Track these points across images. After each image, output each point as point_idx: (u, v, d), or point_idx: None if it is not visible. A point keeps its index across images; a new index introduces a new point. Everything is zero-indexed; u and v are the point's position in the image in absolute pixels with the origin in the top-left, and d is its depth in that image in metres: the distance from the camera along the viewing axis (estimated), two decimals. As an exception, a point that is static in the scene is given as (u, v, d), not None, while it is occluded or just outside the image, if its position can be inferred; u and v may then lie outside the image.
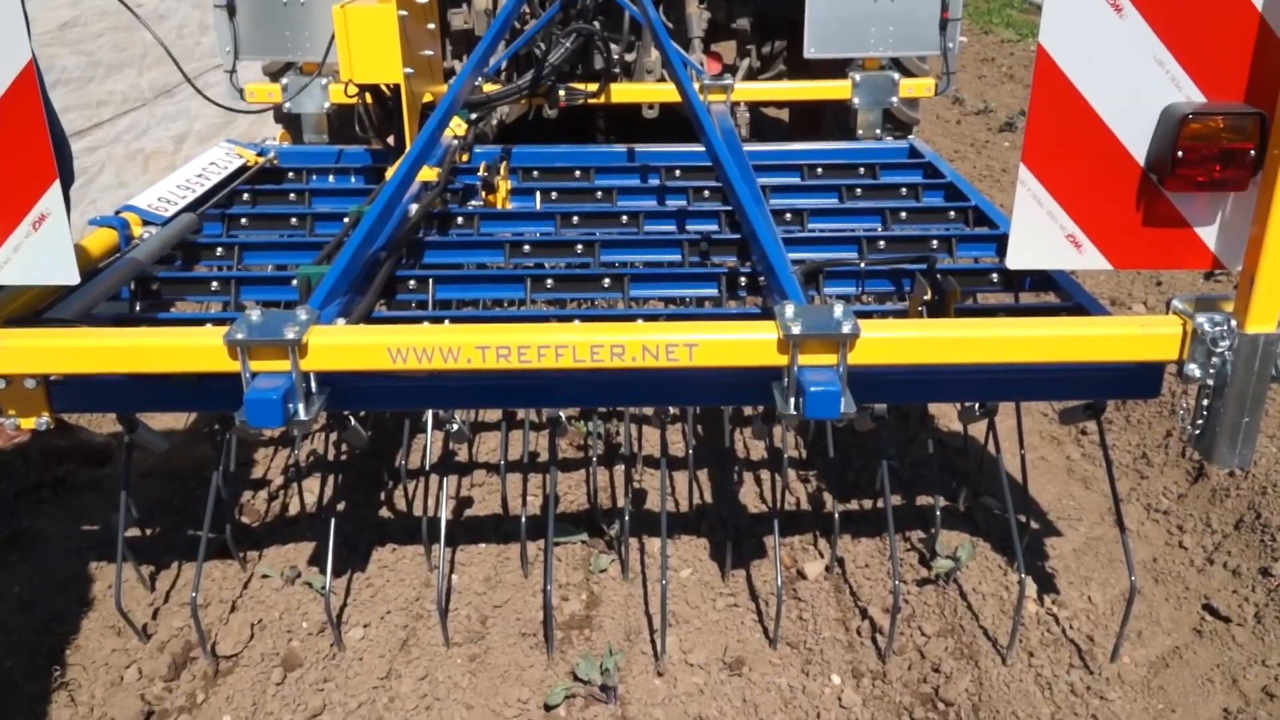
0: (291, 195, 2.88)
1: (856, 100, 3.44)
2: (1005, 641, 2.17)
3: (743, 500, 2.73)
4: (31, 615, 2.32)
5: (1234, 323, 1.62)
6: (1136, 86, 1.55)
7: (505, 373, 1.69)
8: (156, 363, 1.68)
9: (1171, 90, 1.56)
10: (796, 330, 1.61)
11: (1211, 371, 1.65)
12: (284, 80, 3.38)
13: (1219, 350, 1.63)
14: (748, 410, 3.00)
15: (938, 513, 2.45)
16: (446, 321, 2.04)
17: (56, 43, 5.50)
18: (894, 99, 3.45)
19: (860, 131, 3.48)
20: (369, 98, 3.00)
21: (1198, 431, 1.70)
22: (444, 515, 2.25)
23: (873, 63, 3.44)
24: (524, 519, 2.44)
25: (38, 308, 1.92)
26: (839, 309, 1.65)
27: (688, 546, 2.54)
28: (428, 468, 2.58)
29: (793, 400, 1.65)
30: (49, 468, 2.83)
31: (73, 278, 1.62)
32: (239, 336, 1.60)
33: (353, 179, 3.09)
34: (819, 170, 3.03)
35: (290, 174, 3.07)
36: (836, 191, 2.84)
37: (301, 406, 1.65)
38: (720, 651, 2.20)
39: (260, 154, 3.04)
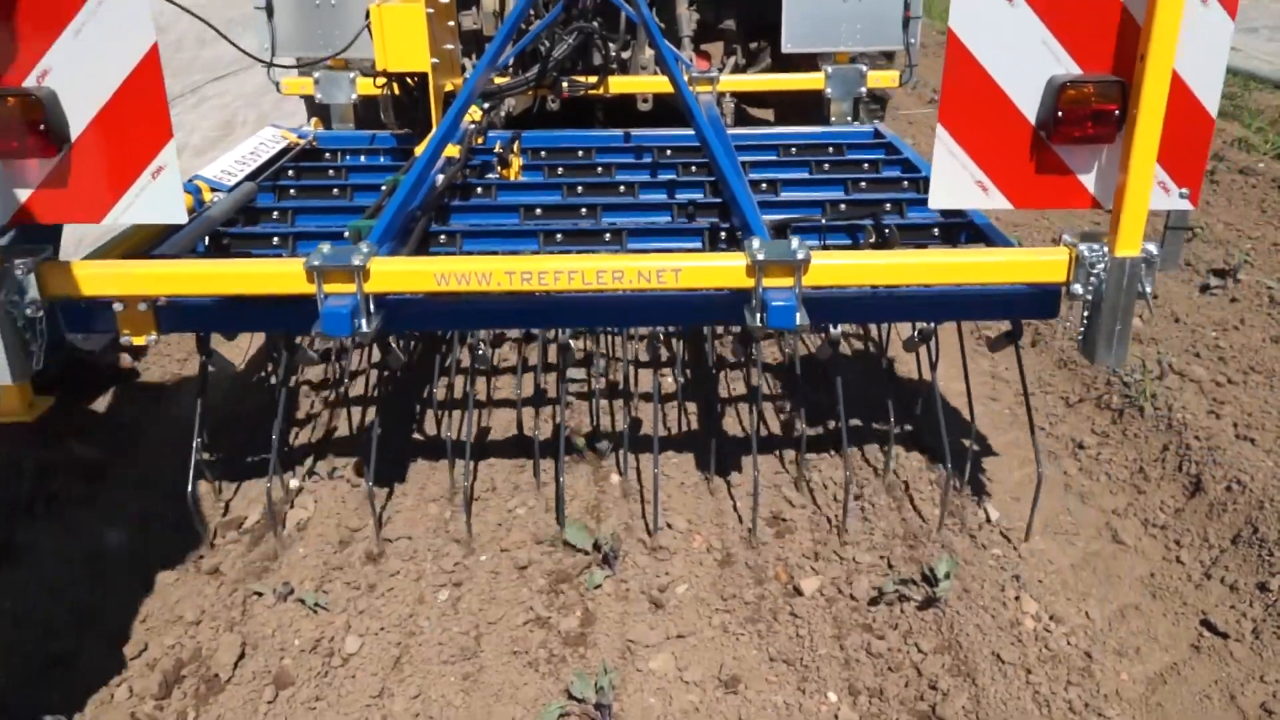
0: (330, 171, 3.30)
1: (829, 90, 3.83)
2: (1006, 658, 2.20)
3: (725, 429, 3.13)
4: (22, 630, 2.36)
5: (1106, 249, 2.04)
6: (1026, 61, 1.97)
7: (527, 295, 2.10)
8: (248, 286, 2.09)
9: (1053, 64, 1.97)
10: (761, 257, 2.02)
11: (1090, 289, 2.07)
12: (315, 74, 3.78)
13: (1095, 271, 2.05)
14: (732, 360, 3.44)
15: (892, 434, 2.87)
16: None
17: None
18: (863, 89, 3.85)
19: (833, 119, 3.89)
20: (395, 88, 3.41)
21: (1082, 339, 2.12)
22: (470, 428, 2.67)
23: (844, 55, 3.85)
24: (536, 441, 2.86)
25: (143, 249, 2.33)
26: (795, 241, 2.06)
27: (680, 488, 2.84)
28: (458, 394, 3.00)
29: (758, 315, 2.06)
30: (42, 482, 2.85)
31: (182, 218, 2.03)
32: (316, 263, 2.01)
33: (381, 158, 3.49)
34: (793, 149, 3.43)
35: (327, 154, 3.48)
36: (807, 166, 3.25)
37: (364, 322, 2.06)
38: (716, 669, 2.23)
39: (301, 137, 3.45)
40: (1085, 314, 2.10)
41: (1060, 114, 1.97)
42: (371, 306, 2.08)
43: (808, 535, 2.62)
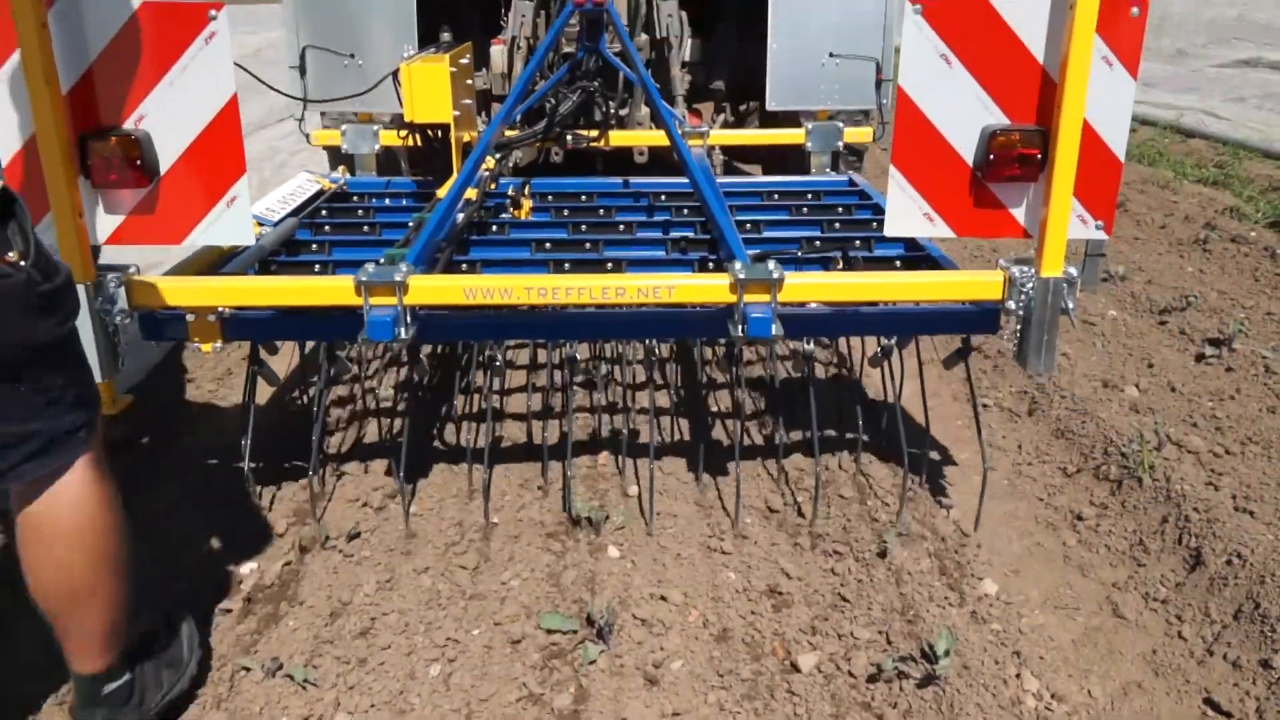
0: (359, 211, 3.67)
1: (810, 144, 4.22)
2: None
3: (714, 437, 3.47)
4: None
5: (1034, 271, 2.41)
6: (963, 113, 2.36)
7: (542, 309, 2.46)
8: (306, 299, 2.46)
9: (986, 115, 2.36)
10: (742, 276, 2.38)
11: (1021, 305, 2.43)
12: (343, 127, 4.17)
13: (1025, 290, 2.42)
14: (720, 379, 3.80)
15: (861, 440, 3.22)
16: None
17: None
18: (840, 143, 4.25)
19: (814, 170, 4.29)
20: (417, 139, 3.80)
21: (1016, 350, 2.49)
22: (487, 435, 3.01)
23: (824, 113, 4.25)
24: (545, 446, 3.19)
25: (206, 271, 2.69)
26: (772, 263, 2.42)
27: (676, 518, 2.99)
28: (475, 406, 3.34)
29: (740, 327, 2.41)
30: None
31: (250, 240, 2.41)
32: (364, 279, 2.37)
33: (403, 201, 3.87)
34: (775, 195, 3.82)
35: (355, 196, 3.85)
36: (788, 210, 3.63)
37: (402, 330, 2.41)
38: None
39: (332, 181, 3.84)
40: (1018, 328, 2.47)
41: (992, 157, 2.35)
42: (409, 317, 2.43)
43: (805, 609, 2.58)
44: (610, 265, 3.01)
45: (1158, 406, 3.62)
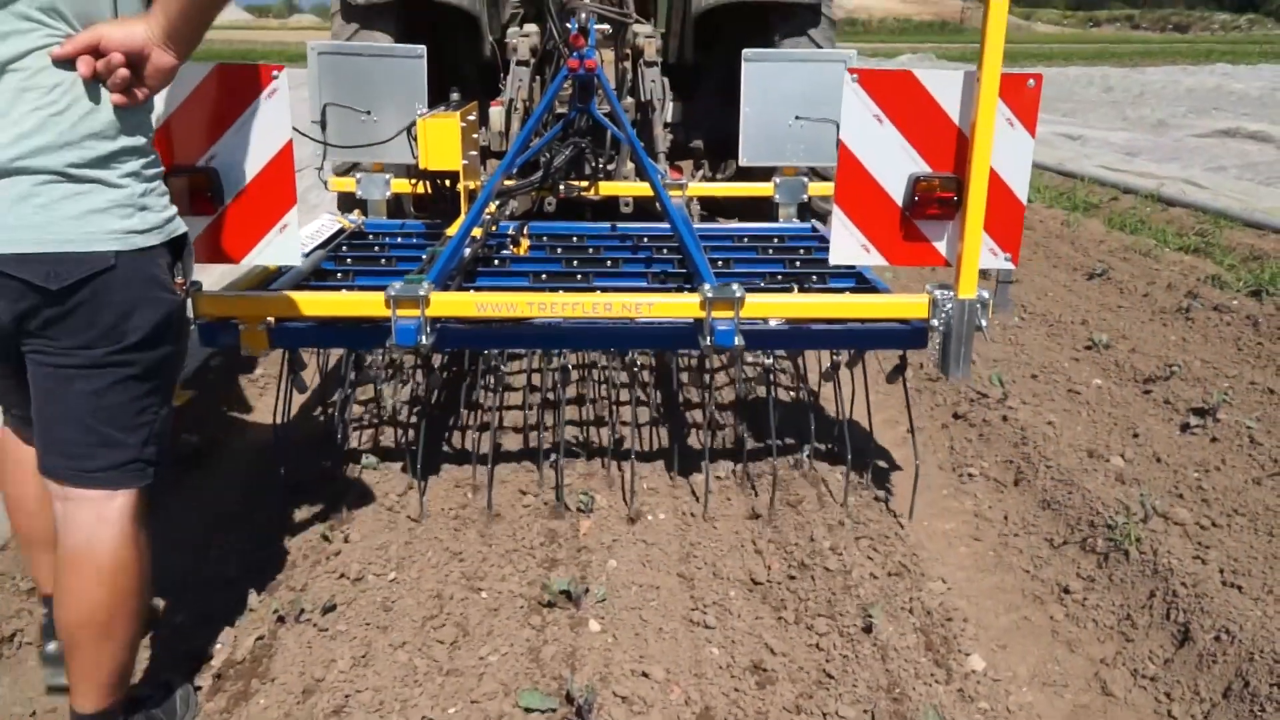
0: (376, 247, 4.14)
1: (778, 197, 4.72)
2: None
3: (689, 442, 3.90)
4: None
5: (953, 294, 2.89)
6: (893, 162, 2.86)
7: (541, 320, 2.92)
8: (343, 310, 2.92)
9: (912, 164, 2.86)
10: (710, 295, 2.86)
11: (943, 322, 2.91)
12: (357, 175, 4.65)
13: (946, 310, 2.91)
14: (695, 398, 4.26)
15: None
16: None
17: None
18: (805, 196, 4.75)
19: (781, 220, 4.78)
20: (428, 186, 4.29)
21: (939, 361, 2.96)
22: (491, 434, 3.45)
23: (790, 169, 4.75)
24: (552, 456, 3.63)
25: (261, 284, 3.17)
26: (735, 285, 2.89)
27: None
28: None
29: (708, 339, 2.88)
30: None
31: (299, 262, 2.87)
32: (392, 293, 2.82)
33: (413, 239, 4.34)
34: (745, 239, 4.31)
35: (371, 235, 4.33)
36: (755, 250, 4.13)
37: (424, 338, 2.86)
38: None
39: (351, 222, 4.31)
40: (939, 342, 2.95)
41: (917, 199, 2.85)
42: (429, 327, 2.89)
43: (789, 686, 2.55)
44: (598, 293, 3.48)
45: (1144, 477, 3.60)
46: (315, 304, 2.95)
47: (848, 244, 2.92)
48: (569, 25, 4.31)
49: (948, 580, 3.04)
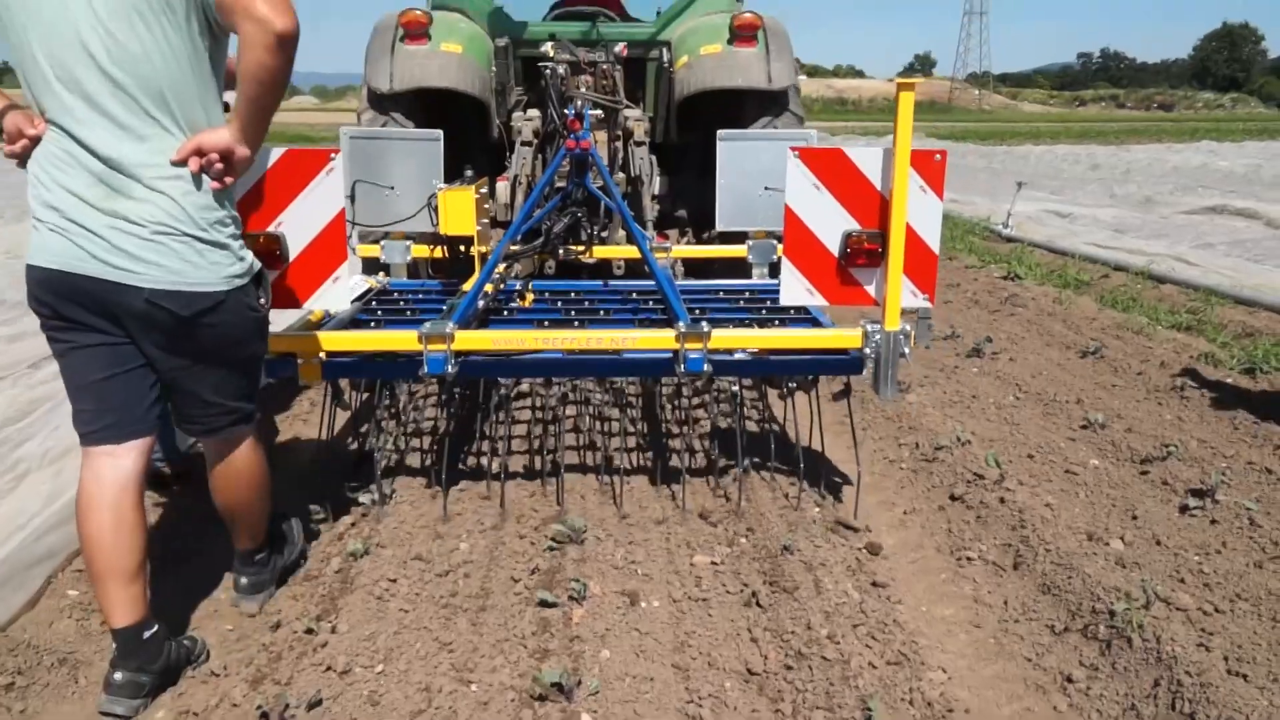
0: (400, 302, 4.80)
1: (750, 258, 5.35)
2: None
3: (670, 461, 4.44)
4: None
5: (881, 327, 3.55)
6: (829, 221, 3.53)
7: (546, 352, 3.57)
8: (384, 346, 3.57)
9: (845, 222, 3.53)
10: (683, 330, 3.51)
11: (873, 350, 3.56)
12: (382, 242, 5.31)
13: (875, 340, 3.56)
14: (676, 424, 4.88)
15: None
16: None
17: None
18: (775, 256, 5.41)
19: (755, 277, 5.42)
20: (445, 250, 4.96)
21: (872, 383, 3.61)
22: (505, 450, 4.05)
23: (761, 233, 5.40)
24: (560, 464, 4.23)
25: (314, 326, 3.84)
26: (704, 323, 3.54)
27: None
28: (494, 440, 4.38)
29: (681, 366, 3.53)
30: None
31: (347, 306, 3.52)
32: (424, 332, 3.47)
33: (433, 296, 4.99)
34: (720, 293, 4.97)
35: (396, 293, 4.98)
36: (729, 302, 4.78)
37: (450, 368, 3.50)
38: None
39: (378, 282, 4.98)
40: (871, 367, 3.59)
41: (849, 250, 3.52)
42: (454, 359, 3.53)
43: None
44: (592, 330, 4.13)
45: (1144, 561, 3.55)
46: (360, 341, 3.61)
47: (795, 288, 3.58)
48: (567, 110, 4.97)
49: (948, 669, 2.95)
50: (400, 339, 3.58)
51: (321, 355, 3.64)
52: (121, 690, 2.70)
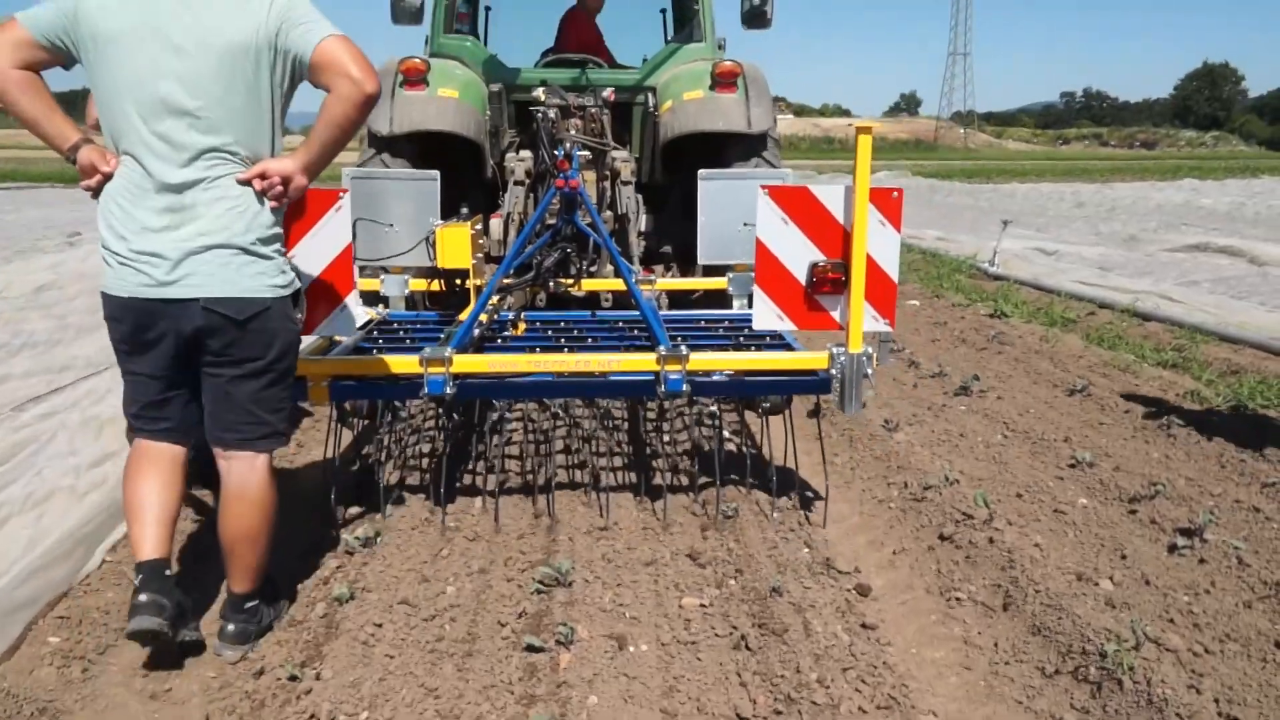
0: (400, 332, 5.09)
1: (730, 289, 5.65)
2: None
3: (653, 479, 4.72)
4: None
5: (845, 349, 3.86)
6: (796, 252, 3.85)
7: (538, 374, 3.87)
8: (387, 369, 3.86)
9: (811, 253, 3.85)
10: (663, 353, 3.81)
11: (838, 370, 3.87)
12: (382, 276, 5.60)
13: (840, 361, 3.87)
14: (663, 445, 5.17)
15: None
16: (503, 370, 4.23)
17: (29, 306, 6.28)
18: (753, 288, 5.71)
19: (734, 308, 5.72)
20: (441, 284, 5.26)
21: (838, 401, 3.91)
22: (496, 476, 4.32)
23: (741, 266, 5.70)
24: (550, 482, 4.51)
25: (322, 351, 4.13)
26: (683, 347, 3.85)
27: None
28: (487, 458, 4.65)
29: (662, 387, 3.82)
30: None
31: (355, 332, 3.81)
32: (424, 356, 3.76)
33: (430, 326, 5.28)
34: (702, 322, 5.27)
35: (395, 323, 5.28)
36: (709, 331, 5.09)
37: (449, 389, 3.79)
38: None
39: (379, 313, 5.28)
40: (837, 386, 3.90)
41: (815, 279, 3.84)
42: (452, 381, 3.82)
43: None
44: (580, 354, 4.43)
45: (1134, 601, 3.53)
46: (365, 365, 3.91)
47: (767, 314, 3.90)
48: (557, 151, 5.29)
49: (939, 713, 2.94)
50: (402, 363, 3.88)
51: (331, 379, 3.93)
52: (146, 609, 2.94)
